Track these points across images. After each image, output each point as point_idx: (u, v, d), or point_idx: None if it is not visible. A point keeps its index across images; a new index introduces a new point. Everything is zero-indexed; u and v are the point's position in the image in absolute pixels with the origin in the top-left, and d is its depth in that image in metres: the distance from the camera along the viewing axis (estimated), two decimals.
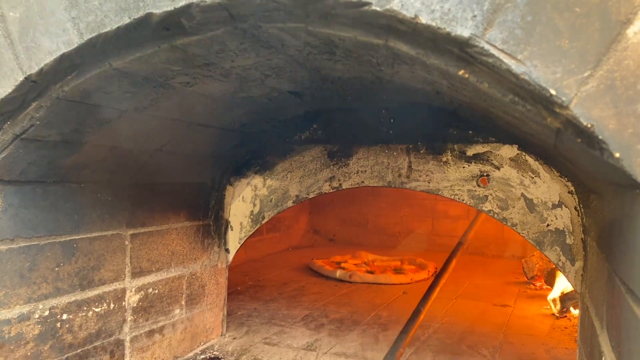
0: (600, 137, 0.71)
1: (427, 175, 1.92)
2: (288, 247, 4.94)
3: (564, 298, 2.63)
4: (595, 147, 0.74)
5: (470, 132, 1.85)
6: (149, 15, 0.99)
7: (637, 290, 0.75)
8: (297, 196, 2.13)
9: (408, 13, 0.80)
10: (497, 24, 0.76)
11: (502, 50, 0.75)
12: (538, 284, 3.31)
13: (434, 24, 0.79)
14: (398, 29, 0.85)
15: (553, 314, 2.65)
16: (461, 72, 0.86)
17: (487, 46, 0.76)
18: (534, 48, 0.74)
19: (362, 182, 2.03)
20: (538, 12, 0.74)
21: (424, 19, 0.79)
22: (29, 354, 1.37)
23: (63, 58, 1.08)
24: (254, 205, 2.20)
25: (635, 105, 0.69)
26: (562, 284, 2.65)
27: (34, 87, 1.12)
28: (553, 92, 0.73)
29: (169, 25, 1.02)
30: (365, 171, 2.02)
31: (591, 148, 0.75)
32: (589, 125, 0.72)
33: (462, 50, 0.80)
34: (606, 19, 0.71)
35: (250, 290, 3.16)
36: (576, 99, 0.72)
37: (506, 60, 0.75)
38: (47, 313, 1.42)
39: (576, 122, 0.73)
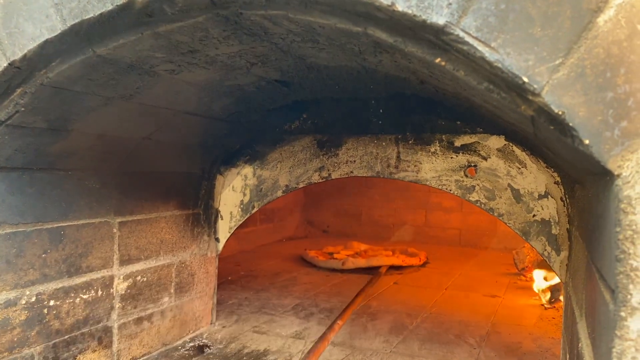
0: (570, 124, 0.72)
1: (415, 166, 1.93)
2: (281, 238, 4.95)
3: (554, 288, 2.65)
4: (567, 134, 0.75)
5: (459, 122, 1.86)
6: (131, 2, 1.00)
7: (607, 276, 0.77)
8: (286, 186, 2.14)
9: (385, 0, 0.80)
10: (471, 11, 0.76)
11: (476, 38, 0.76)
12: (528, 275, 3.33)
13: (410, 11, 0.79)
14: (376, 16, 0.86)
15: (542, 305, 2.67)
16: (438, 60, 0.86)
17: (461, 34, 0.77)
18: (507, 36, 0.75)
19: (352, 172, 2.04)
20: (511, 0, 0.75)
21: (400, 7, 0.80)
22: (15, 339, 1.38)
23: (46, 44, 1.08)
24: (244, 194, 2.21)
25: (604, 92, 0.70)
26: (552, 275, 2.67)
27: (18, 73, 1.12)
28: (525, 79, 0.74)
29: (151, 12, 1.02)
30: (355, 161, 2.03)
31: (563, 135, 0.76)
32: (560, 113, 0.73)
33: (438, 38, 0.81)
34: (577, 7, 0.72)
35: (242, 280, 3.17)
36: (548, 87, 0.73)
37: (480, 47, 0.76)
38: (33, 299, 1.43)
39: (548, 110, 0.74)
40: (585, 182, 1.15)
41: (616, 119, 0.70)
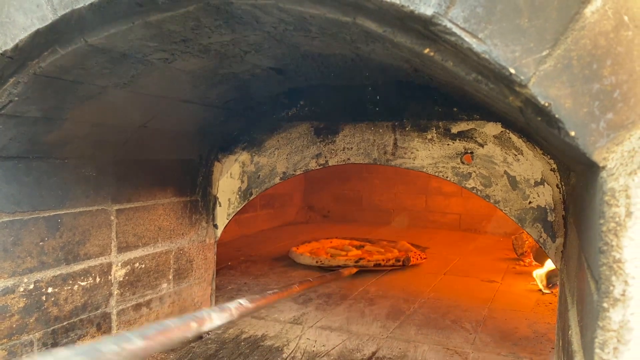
0: (557, 115, 0.72)
1: (412, 153, 1.92)
2: (282, 223, 4.97)
3: (551, 274, 2.66)
4: (553, 125, 0.75)
5: (455, 109, 1.85)
6: None
7: (592, 266, 0.77)
8: (284, 173, 2.15)
9: None
10: (459, 2, 0.76)
11: (463, 29, 0.76)
12: (527, 260, 3.35)
13: (398, 1, 0.79)
14: (365, 6, 0.85)
15: (539, 290, 2.69)
16: (426, 51, 0.86)
17: (449, 24, 0.77)
18: (495, 27, 0.75)
19: (348, 159, 2.04)
20: None
21: None
22: (14, 326, 1.39)
23: (38, 34, 1.08)
24: (242, 181, 2.22)
25: (590, 84, 0.70)
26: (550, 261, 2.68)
27: (10, 63, 1.12)
28: (512, 71, 0.74)
29: (142, 1, 1.02)
30: (352, 148, 2.03)
31: (550, 127, 0.76)
32: (547, 104, 0.73)
33: (426, 29, 0.81)
34: None
35: (242, 265, 3.19)
36: (534, 78, 0.73)
37: (467, 38, 0.76)
38: (32, 286, 1.45)
39: (535, 101, 0.74)
40: (577, 171, 1.16)
41: (602, 111, 0.70)
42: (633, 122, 0.68)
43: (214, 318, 1.57)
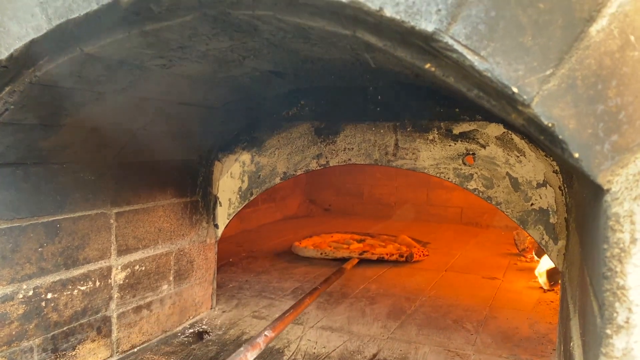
0: (560, 136, 0.71)
1: (413, 154, 1.91)
2: (284, 217, 4.97)
3: (553, 272, 2.65)
4: (557, 145, 0.73)
5: (457, 110, 1.83)
6: (116, 1, 0.97)
7: (595, 286, 0.76)
8: (284, 173, 2.13)
9: (373, 5, 0.78)
10: (461, 18, 0.74)
11: (465, 46, 0.74)
12: (529, 256, 3.34)
13: (398, 17, 0.77)
14: (365, 20, 0.83)
15: (541, 287, 2.68)
16: (427, 66, 0.84)
17: (450, 41, 0.75)
18: (497, 44, 0.73)
19: (349, 159, 2.03)
20: (502, 7, 0.72)
21: (388, 12, 0.77)
22: (13, 332, 1.39)
23: (33, 43, 1.06)
24: (242, 181, 2.21)
25: (595, 105, 0.69)
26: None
27: (5, 72, 1.11)
28: (515, 90, 0.72)
29: (138, 11, 1.00)
30: (352, 149, 2.02)
31: (553, 146, 0.75)
32: (550, 125, 0.71)
33: (427, 45, 0.79)
34: (569, 16, 0.69)
35: (243, 261, 3.19)
36: (538, 98, 0.71)
37: (469, 56, 0.74)
38: (31, 293, 1.44)
39: (538, 121, 0.72)
40: (579, 175, 1.14)
41: (606, 133, 0.68)
42: (639, 144, 0.67)
43: (249, 357, 1.69)
